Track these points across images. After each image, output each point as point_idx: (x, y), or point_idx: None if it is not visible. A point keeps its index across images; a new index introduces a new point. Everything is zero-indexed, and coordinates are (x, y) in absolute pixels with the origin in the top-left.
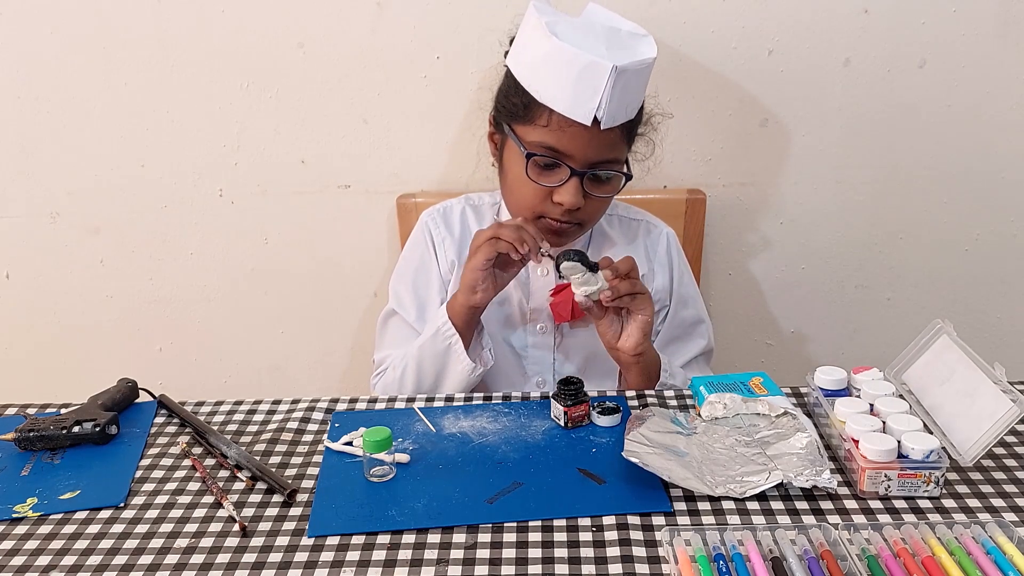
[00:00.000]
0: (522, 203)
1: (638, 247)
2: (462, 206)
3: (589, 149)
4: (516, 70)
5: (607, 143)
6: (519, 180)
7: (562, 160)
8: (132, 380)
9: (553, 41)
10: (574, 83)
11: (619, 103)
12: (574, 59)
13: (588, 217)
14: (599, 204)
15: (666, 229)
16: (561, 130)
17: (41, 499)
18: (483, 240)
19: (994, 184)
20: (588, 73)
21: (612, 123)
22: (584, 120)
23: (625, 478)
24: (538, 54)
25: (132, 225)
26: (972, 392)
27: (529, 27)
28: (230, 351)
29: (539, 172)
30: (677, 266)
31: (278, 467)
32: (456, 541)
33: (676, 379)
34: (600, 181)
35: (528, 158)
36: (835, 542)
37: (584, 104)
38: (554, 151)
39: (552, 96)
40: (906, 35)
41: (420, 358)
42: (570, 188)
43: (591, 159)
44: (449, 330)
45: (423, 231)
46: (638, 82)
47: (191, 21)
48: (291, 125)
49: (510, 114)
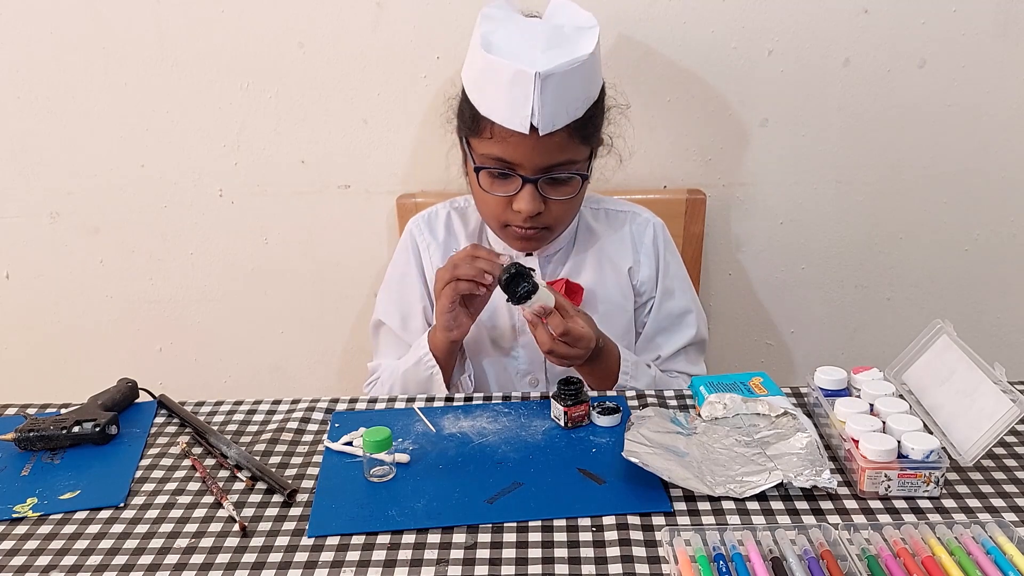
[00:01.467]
0: (487, 213)
1: (624, 236)
2: (447, 211)
3: (535, 156)
4: (465, 83)
5: (554, 147)
6: (479, 191)
7: (511, 169)
8: (132, 380)
9: (484, 54)
10: (507, 93)
11: (554, 107)
12: (503, 69)
13: (555, 220)
14: (563, 206)
15: (653, 219)
16: (505, 140)
17: (41, 499)
18: (443, 284)
19: (994, 184)
20: (517, 81)
21: (551, 128)
22: (521, 128)
23: (625, 478)
24: (475, 67)
25: (132, 225)
26: (972, 392)
27: (472, 39)
28: (230, 351)
29: (492, 182)
30: (663, 256)
31: (278, 467)
32: (456, 541)
33: (640, 381)
34: (558, 183)
35: (478, 172)
36: (835, 542)
37: (518, 112)
38: (502, 161)
39: (489, 108)
40: (906, 35)
41: (405, 382)
42: (525, 196)
43: (540, 165)
44: (430, 360)
45: (408, 239)
46: (574, 82)
47: (191, 21)
48: (291, 125)
49: (465, 127)
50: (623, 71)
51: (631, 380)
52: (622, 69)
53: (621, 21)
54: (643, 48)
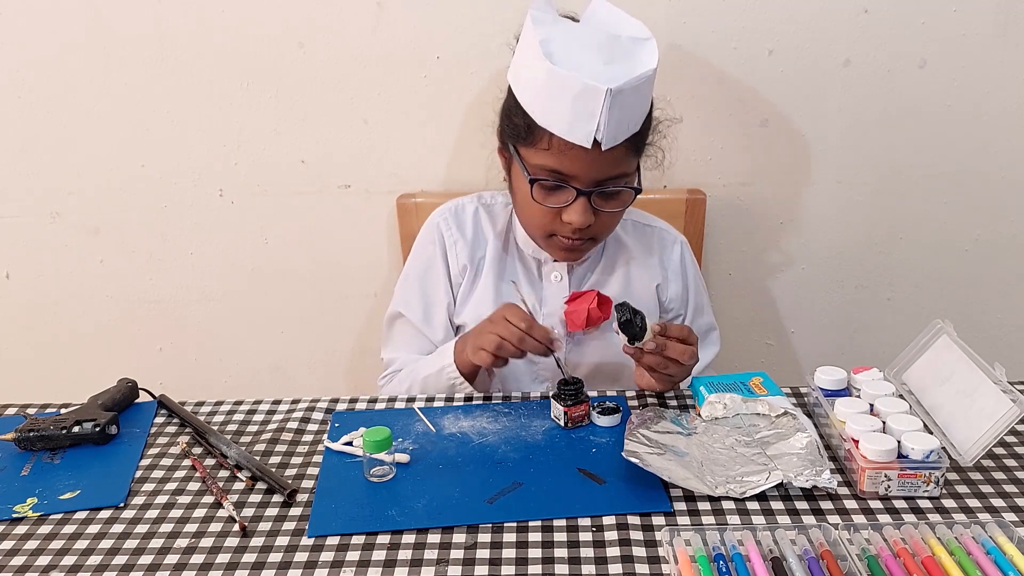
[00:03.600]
0: (532, 223)
1: (652, 258)
2: (475, 206)
3: (592, 170)
4: (516, 89)
5: (611, 161)
6: (527, 200)
7: (567, 182)
8: (132, 380)
9: (547, 65)
10: (571, 107)
11: (618, 123)
12: (569, 83)
13: (600, 231)
14: (611, 218)
15: (680, 238)
16: (563, 153)
17: (41, 499)
18: (494, 346)
19: (994, 184)
20: (584, 96)
21: (613, 143)
22: (584, 143)
23: (625, 478)
24: (534, 76)
25: (132, 225)
26: (972, 392)
27: (525, 44)
28: (230, 351)
29: (545, 194)
30: (692, 276)
31: (278, 467)
32: (456, 541)
33: None
34: (610, 196)
35: (532, 183)
36: (835, 542)
37: (583, 127)
38: (558, 173)
39: (550, 120)
40: (906, 35)
41: (424, 387)
42: (578, 208)
43: (596, 178)
44: (454, 372)
45: (434, 232)
46: (638, 97)
47: (191, 21)
48: (291, 125)
49: (514, 135)
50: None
51: None
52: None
53: None
54: None
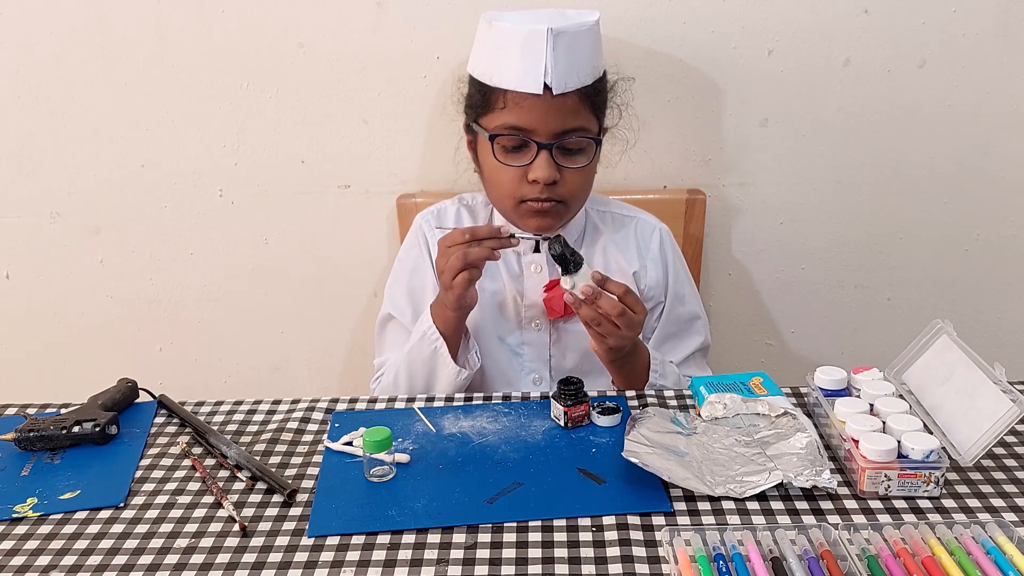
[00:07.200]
0: (502, 191)
1: (628, 243)
2: (456, 207)
3: (549, 119)
4: (472, 69)
5: (567, 111)
6: (494, 169)
7: (526, 136)
8: (132, 380)
9: (495, 26)
10: (519, 56)
11: (566, 66)
12: (514, 33)
13: (569, 193)
14: (577, 178)
15: (659, 225)
16: (518, 106)
17: (41, 499)
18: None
19: (994, 184)
20: (529, 42)
21: (564, 87)
22: (535, 89)
23: (625, 478)
24: (483, 42)
25: (132, 225)
26: (972, 392)
27: (478, 34)
28: (230, 351)
29: (507, 154)
30: (672, 263)
31: (278, 467)
32: (456, 541)
33: (668, 380)
34: (571, 152)
35: (492, 140)
36: (835, 542)
37: (531, 73)
38: (516, 128)
39: (502, 76)
40: (906, 35)
41: (410, 362)
42: (541, 163)
43: (555, 129)
44: (434, 334)
45: (417, 234)
46: (583, 45)
47: (191, 21)
48: (291, 125)
49: (472, 111)
50: (623, 71)
51: (660, 379)
52: (622, 69)
53: (621, 21)
54: (643, 48)
